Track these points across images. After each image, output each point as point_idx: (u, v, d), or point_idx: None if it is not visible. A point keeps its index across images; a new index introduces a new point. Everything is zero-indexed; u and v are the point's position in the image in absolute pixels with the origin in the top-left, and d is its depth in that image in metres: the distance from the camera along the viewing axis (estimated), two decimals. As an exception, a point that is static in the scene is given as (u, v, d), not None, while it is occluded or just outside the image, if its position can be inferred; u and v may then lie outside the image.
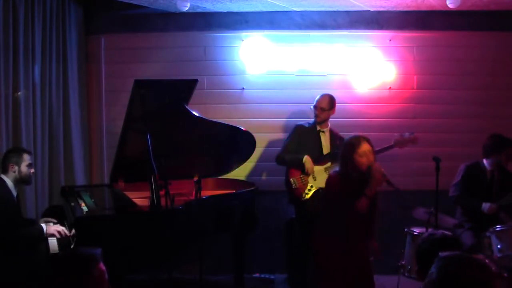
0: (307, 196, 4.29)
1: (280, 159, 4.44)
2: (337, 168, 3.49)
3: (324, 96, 4.38)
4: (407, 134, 4.32)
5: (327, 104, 4.33)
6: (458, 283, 1.64)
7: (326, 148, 4.41)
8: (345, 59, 4.99)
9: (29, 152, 3.85)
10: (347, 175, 3.37)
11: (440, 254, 1.75)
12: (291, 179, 4.34)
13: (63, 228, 3.63)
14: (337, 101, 4.43)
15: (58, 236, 3.57)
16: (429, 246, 2.11)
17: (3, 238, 3.41)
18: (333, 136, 4.44)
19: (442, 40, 4.99)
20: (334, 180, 3.43)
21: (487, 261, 2.23)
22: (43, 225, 3.60)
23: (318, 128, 4.41)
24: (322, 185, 4.26)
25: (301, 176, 4.31)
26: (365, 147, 3.31)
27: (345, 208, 3.33)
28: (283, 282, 4.77)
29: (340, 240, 3.37)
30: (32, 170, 3.83)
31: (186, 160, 4.11)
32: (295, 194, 4.35)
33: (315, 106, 4.37)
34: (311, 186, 4.30)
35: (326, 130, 4.43)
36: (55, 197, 4.57)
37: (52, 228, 3.59)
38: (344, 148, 3.42)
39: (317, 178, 4.30)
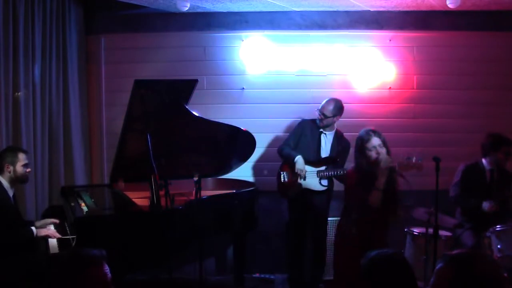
0: (290, 194, 4.35)
1: (279, 151, 4.47)
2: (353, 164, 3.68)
3: (328, 103, 4.30)
4: (414, 159, 3.76)
5: (330, 112, 4.28)
6: (469, 280, 1.65)
7: (325, 151, 4.39)
8: (345, 59, 4.99)
9: (25, 151, 3.83)
10: (360, 167, 3.54)
11: (448, 253, 1.77)
12: (282, 172, 4.37)
13: (54, 231, 3.63)
14: (337, 101, 4.43)
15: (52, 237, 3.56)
16: (375, 265, 2.00)
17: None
18: (337, 140, 4.40)
19: (442, 40, 4.99)
20: (350, 174, 3.64)
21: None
22: (33, 228, 3.59)
23: (321, 129, 4.40)
24: (310, 186, 4.30)
25: (292, 172, 4.32)
26: (374, 141, 3.47)
27: (361, 199, 3.47)
28: (283, 282, 4.77)
29: (359, 229, 3.51)
30: (29, 170, 3.82)
31: (186, 160, 4.11)
32: (282, 189, 4.40)
33: (319, 110, 4.33)
34: (299, 185, 4.30)
35: (330, 133, 4.41)
36: (55, 197, 4.57)
37: (43, 231, 3.58)
38: (356, 142, 3.60)
39: (307, 179, 4.30)
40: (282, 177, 4.38)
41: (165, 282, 4.31)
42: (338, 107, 4.31)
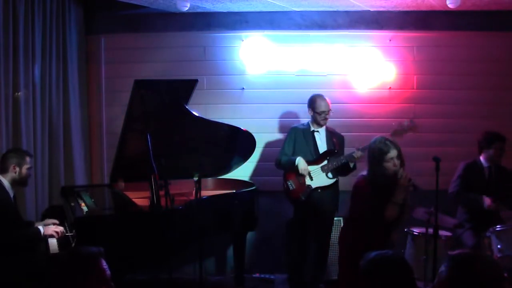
0: (303, 197, 4.31)
1: (277, 163, 4.46)
2: (364, 172, 3.54)
3: (322, 99, 4.33)
4: (406, 122, 4.21)
5: (329, 106, 4.34)
6: (469, 280, 1.65)
7: (322, 147, 4.40)
8: (345, 59, 4.99)
9: (30, 155, 3.86)
10: (375, 179, 3.42)
11: (449, 252, 1.77)
12: (288, 181, 4.35)
13: (62, 228, 3.63)
14: (337, 101, 4.46)
15: (56, 236, 3.57)
16: (374, 266, 2.00)
17: (1, 240, 3.41)
18: (329, 134, 4.44)
19: (442, 40, 4.99)
20: (362, 184, 3.48)
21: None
22: (40, 227, 3.59)
23: (312, 128, 4.42)
24: (320, 183, 4.29)
25: (297, 177, 4.31)
26: (393, 153, 3.37)
27: (373, 213, 3.38)
28: (283, 282, 4.77)
29: (368, 239, 3.42)
30: (31, 173, 3.84)
31: (186, 160, 4.11)
32: (293, 196, 4.36)
33: (323, 111, 4.31)
34: (309, 186, 4.30)
35: (321, 129, 4.43)
36: (55, 197, 4.57)
37: (51, 229, 3.59)
38: (372, 152, 3.45)
39: (314, 178, 4.31)
40: (289, 185, 4.34)
41: (165, 282, 4.30)
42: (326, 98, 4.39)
